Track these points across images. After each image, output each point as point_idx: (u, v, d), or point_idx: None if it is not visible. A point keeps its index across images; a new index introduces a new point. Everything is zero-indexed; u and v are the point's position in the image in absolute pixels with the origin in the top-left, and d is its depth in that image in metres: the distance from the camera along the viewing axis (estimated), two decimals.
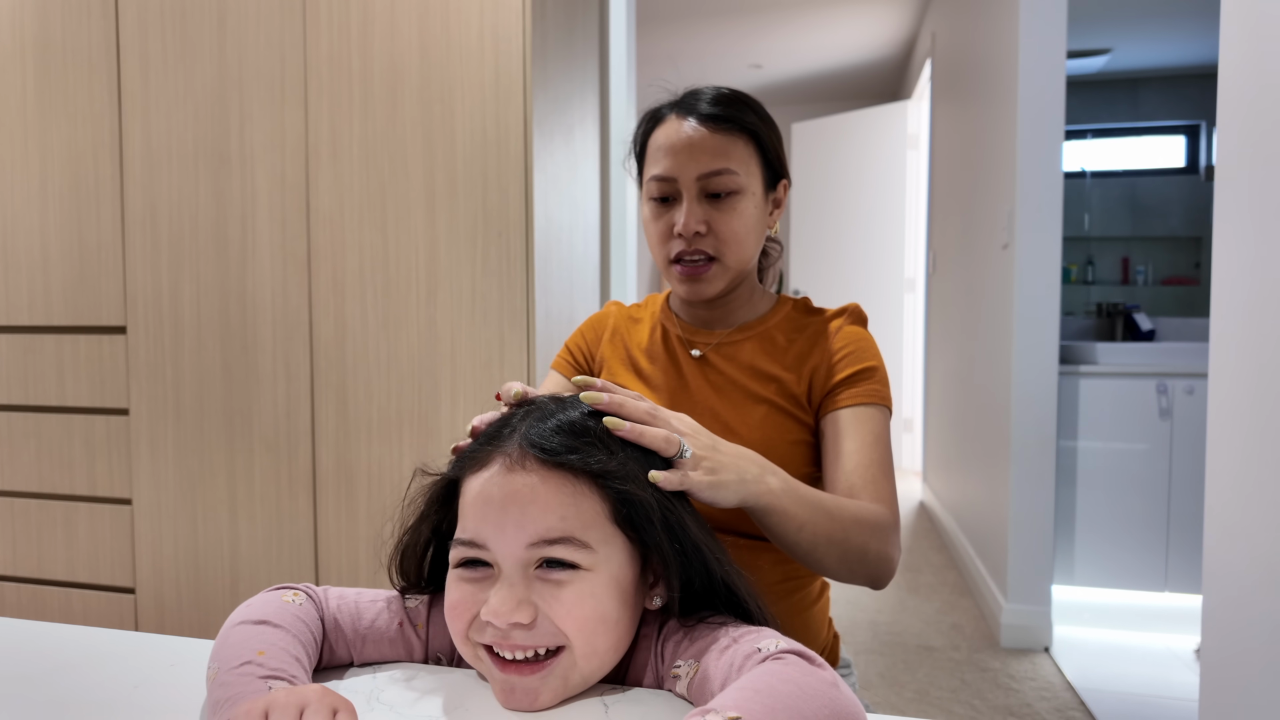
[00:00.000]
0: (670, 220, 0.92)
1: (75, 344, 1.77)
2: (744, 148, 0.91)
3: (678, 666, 0.57)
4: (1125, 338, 3.19)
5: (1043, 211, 2.32)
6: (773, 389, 0.92)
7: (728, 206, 0.91)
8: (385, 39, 1.57)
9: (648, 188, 0.94)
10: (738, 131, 0.91)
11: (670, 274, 0.94)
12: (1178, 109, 3.43)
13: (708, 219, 0.90)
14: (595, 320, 1.07)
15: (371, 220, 1.60)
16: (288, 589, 0.63)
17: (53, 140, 1.76)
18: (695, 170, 0.90)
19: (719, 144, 0.90)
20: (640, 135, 0.97)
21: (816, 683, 0.47)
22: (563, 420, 0.59)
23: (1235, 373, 1.00)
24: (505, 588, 0.55)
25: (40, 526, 1.82)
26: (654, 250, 0.95)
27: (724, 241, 0.91)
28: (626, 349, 1.01)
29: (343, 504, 1.65)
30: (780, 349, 0.95)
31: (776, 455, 0.86)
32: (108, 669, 0.63)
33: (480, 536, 0.56)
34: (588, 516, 0.56)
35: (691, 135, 0.90)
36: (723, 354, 0.96)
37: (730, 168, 0.90)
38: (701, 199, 0.91)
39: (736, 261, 0.93)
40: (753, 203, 0.93)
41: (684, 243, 0.91)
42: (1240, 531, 0.98)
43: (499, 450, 0.58)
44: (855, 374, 0.90)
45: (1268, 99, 0.93)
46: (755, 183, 0.93)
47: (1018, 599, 2.39)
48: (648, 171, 0.94)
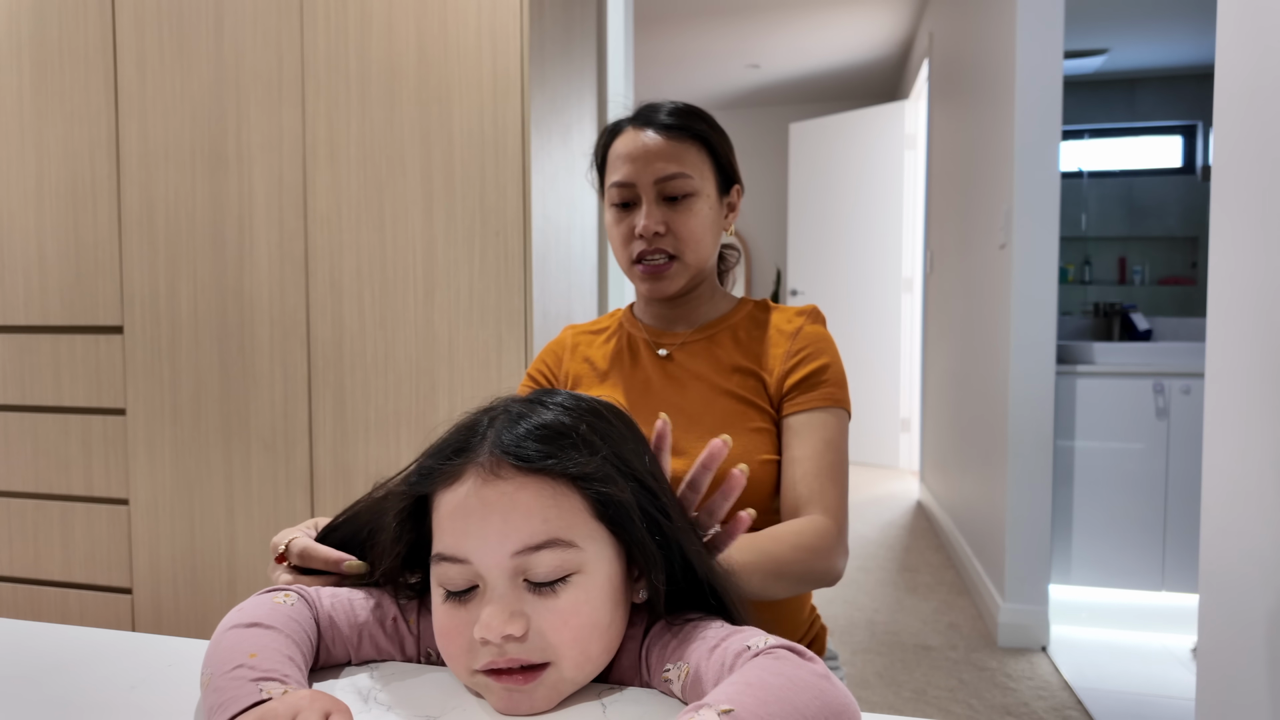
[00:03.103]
0: (631, 223, 0.98)
1: (72, 344, 1.77)
2: (697, 154, 0.98)
3: (667, 670, 0.56)
4: (1122, 337, 3.20)
5: (1040, 211, 2.32)
6: (735, 380, 0.97)
7: (684, 208, 0.97)
8: (383, 39, 1.57)
9: (609, 194, 1.01)
10: (690, 139, 0.98)
11: (633, 274, 1.01)
12: (1174, 109, 3.43)
13: (666, 220, 0.97)
14: (552, 345, 1.12)
15: (369, 220, 1.60)
16: (279, 590, 0.63)
17: (49, 140, 1.75)
18: (652, 175, 0.96)
19: (674, 150, 0.97)
20: (600, 147, 1.03)
21: (807, 675, 0.48)
22: (535, 423, 0.58)
23: (1232, 372, 1.00)
24: (495, 601, 0.54)
25: (37, 526, 1.81)
26: (617, 254, 1.02)
27: (682, 240, 0.97)
28: (588, 359, 1.07)
29: (340, 504, 1.64)
30: (742, 343, 1.00)
31: (739, 443, 0.92)
32: (104, 669, 0.62)
33: (462, 551, 0.55)
34: (570, 515, 0.55)
35: (648, 143, 0.97)
36: (687, 351, 1.01)
37: (685, 171, 0.97)
38: (660, 202, 0.97)
39: (695, 259, 0.99)
40: (707, 204, 0.99)
41: (645, 243, 0.97)
42: (1236, 531, 0.98)
43: (471, 461, 0.56)
44: (809, 375, 0.96)
45: (1264, 99, 0.94)
46: (709, 186, 1.00)
47: (1015, 598, 2.40)
48: (608, 179, 1.01)
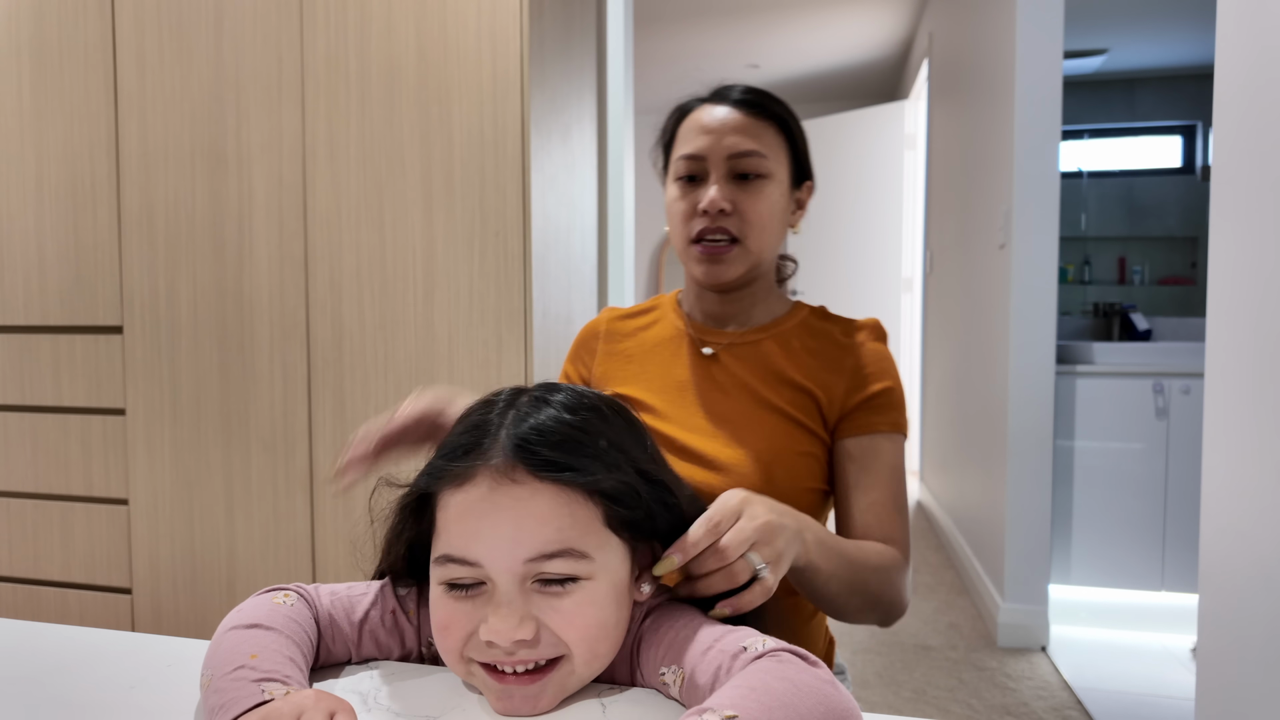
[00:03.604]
0: (695, 199, 0.91)
1: (71, 344, 1.77)
2: (774, 135, 0.92)
3: (663, 673, 0.56)
4: (1122, 337, 3.20)
5: (1039, 211, 2.32)
6: (786, 396, 0.90)
7: (754, 189, 0.90)
8: (382, 39, 1.57)
9: (675, 167, 0.94)
10: (769, 119, 0.92)
11: (689, 254, 0.93)
12: (1174, 109, 3.43)
13: (734, 199, 0.90)
14: (586, 335, 1.05)
15: (369, 221, 1.60)
16: (278, 590, 0.63)
17: (49, 139, 1.75)
18: (726, 149, 0.90)
19: (751, 126, 0.90)
20: (670, 124, 0.97)
21: (812, 680, 0.47)
22: (548, 427, 0.56)
23: (1232, 372, 1.00)
24: (505, 606, 0.53)
25: (36, 527, 1.81)
26: (674, 231, 0.94)
27: (748, 223, 0.90)
28: (623, 352, 1.00)
29: (339, 504, 1.64)
30: (796, 354, 0.93)
31: (784, 466, 0.86)
32: (104, 669, 0.62)
33: (472, 554, 0.54)
34: (583, 525, 0.55)
35: (725, 117, 0.91)
36: (735, 354, 0.94)
37: (760, 150, 0.90)
38: (729, 179, 0.91)
39: (758, 245, 0.92)
40: (779, 190, 0.92)
41: (708, 219, 0.90)
42: (1236, 531, 0.98)
43: (483, 462, 0.55)
44: (872, 397, 0.89)
45: (1264, 99, 0.94)
46: (782, 171, 0.93)
47: (1015, 598, 2.40)
48: (677, 152, 0.94)
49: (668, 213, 0.96)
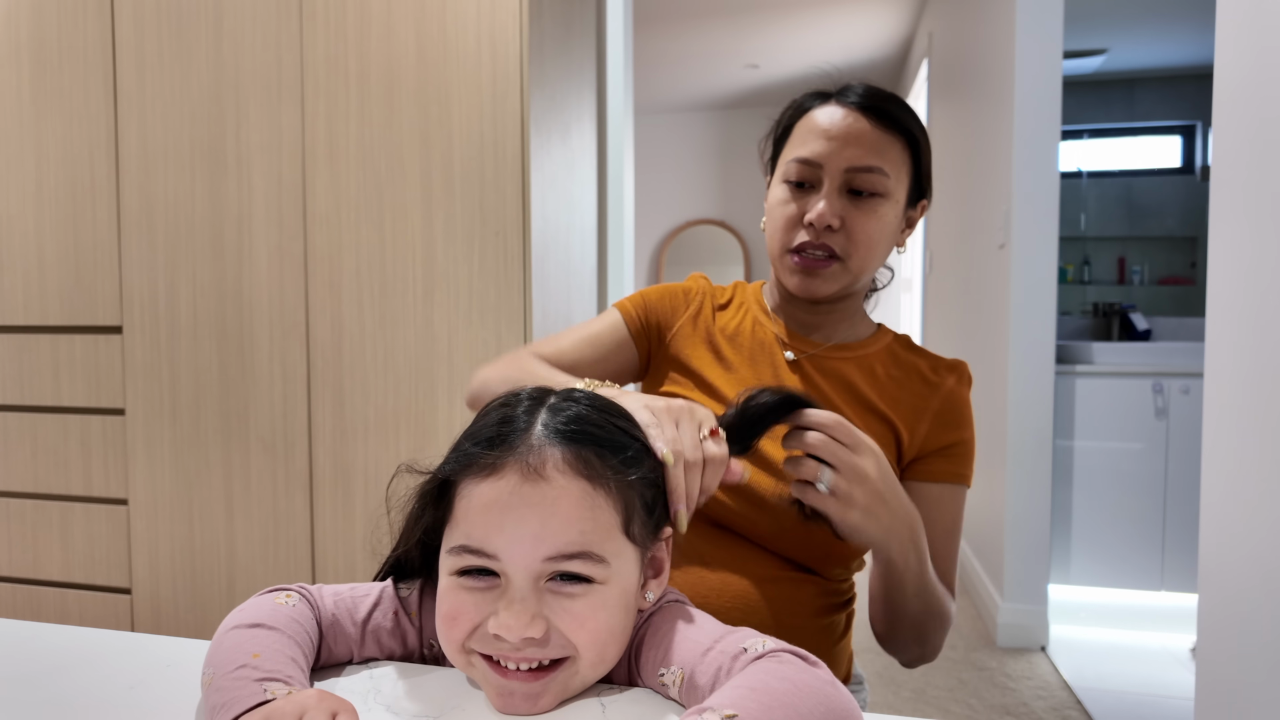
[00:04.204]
0: (803, 207, 0.86)
1: (71, 344, 1.77)
2: (900, 152, 0.86)
3: (662, 674, 0.56)
4: (1121, 337, 3.20)
5: (1039, 211, 2.32)
6: (864, 420, 0.87)
7: (869, 207, 0.85)
8: (382, 40, 1.57)
9: (785, 169, 0.88)
10: (898, 133, 0.86)
11: (784, 264, 0.88)
12: (1174, 109, 3.44)
13: (844, 215, 0.85)
14: (680, 291, 0.98)
15: (368, 221, 1.60)
16: (280, 591, 0.62)
17: (48, 140, 1.75)
18: (846, 161, 0.84)
19: (877, 140, 0.84)
20: (789, 116, 0.91)
21: (813, 680, 0.47)
22: (585, 415, 0.57)
23: (1231, 372, 1.00)
24: (518, 602, 0.53)
25: (36, 527, 1.81)
26: (772, 237, 0.90)
27: (855, 243, 0.85)
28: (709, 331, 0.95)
29: (339, 504, 1.64)
30: (879, 381, 0.89)
31: None
32: (103, 670, 0.62)
33: (491, 546, 0.53)
34: (604, 529, 0.54)
35: (851, 124, 0.85)
36: (817, 366, 0.90)
37: (883, 168, 0.84)
38: (842, 193, 0.85)
39: (860, 267, 0.87)
40: (894, 211, 0.87)
41: (813, 233, 0.85)
42: (1236, 530, 0.98)
43: (512, 455, 0.54)
44: (951, 445, 0.88)
45: (1264, 99, 0.94)
46: (901, 191, 0.88)
47: (1014, 598, 2.40)
48: (790, 153, 0.88)
49: (769, 213, 0.91)
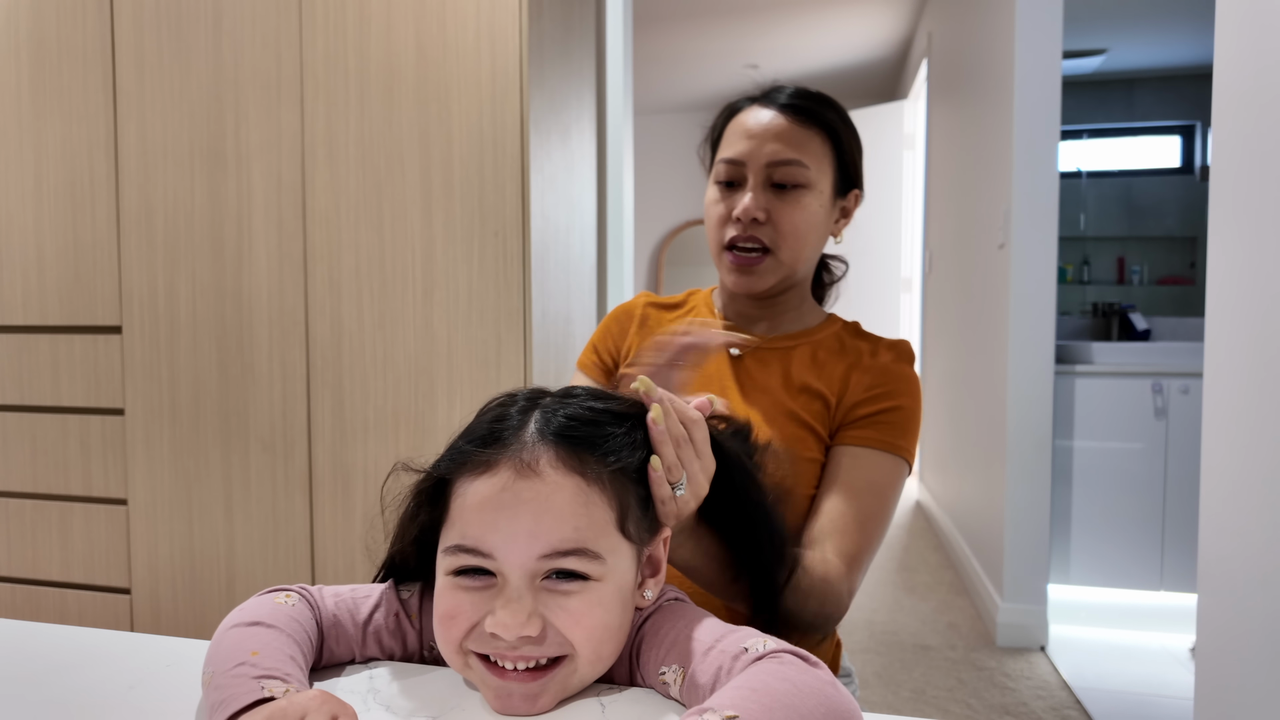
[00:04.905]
0: (731, 204, 0.91)
1: (70, 344, 1.76)
2: (820, 145, 0.90)
3: (663, 674, 0.56)
4: (1121, 337, 3.20)
5: (1038, 211, 2.32)
6: (800, 401, 0.89)
7: (792, 199, 0.89)
8: (381, 39, 1.57)
9: (715, 170, 0.94)
10: (815, 127, 0.90)
11: (722, 262, 0.93)
12: (1173, 109, 3.44)
13: (769, 208, 0.89)
14: (620, 313, 1.04)
15: (368, 220, 1.60)
16: (280, 591, 0.62)
17: (48, 139, 1.75)
18: (765, 157, 0.89)
19: (796, 135, 0.89)
20: (719, 122, 0.96)
21: (813, 681, 0.47)
22: (579, 413, 0.57)
23: (1230, 372, 1.00)
24: (514, 600, 0.53)
25: (35, 527, 1.81)
26: (710, 236, 0.94)
27: (782, 234, 0.89)
28: (658, 334, 0.98)
29: (339, 504, 1.64)
30: (819, 363, 0.92)
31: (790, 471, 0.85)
32: (103, 670, 0.62)
33: (486, 545, 0.53)
34: (599, 526, 0.55)
35: (768, 123, 0.89)
36: (759, 359, 0.93)
37: (801, 160, 0.88)
38: (766, 187, 0.89)
39: (791, 258, 0.90)
40: (818, 202, 0.91)
41: (740, 228, 0.89)
42: (1235, 530, 0.98)
43: (506, 453, 0.55)
44: (877, 413, 0.87)
45: (1263, 99, 0.94)
46: (825, 182, 0.91)
47: (1014, 598, 2.40)
48: (719, 154, 0.94)
49: (705, 214, 0.96)
